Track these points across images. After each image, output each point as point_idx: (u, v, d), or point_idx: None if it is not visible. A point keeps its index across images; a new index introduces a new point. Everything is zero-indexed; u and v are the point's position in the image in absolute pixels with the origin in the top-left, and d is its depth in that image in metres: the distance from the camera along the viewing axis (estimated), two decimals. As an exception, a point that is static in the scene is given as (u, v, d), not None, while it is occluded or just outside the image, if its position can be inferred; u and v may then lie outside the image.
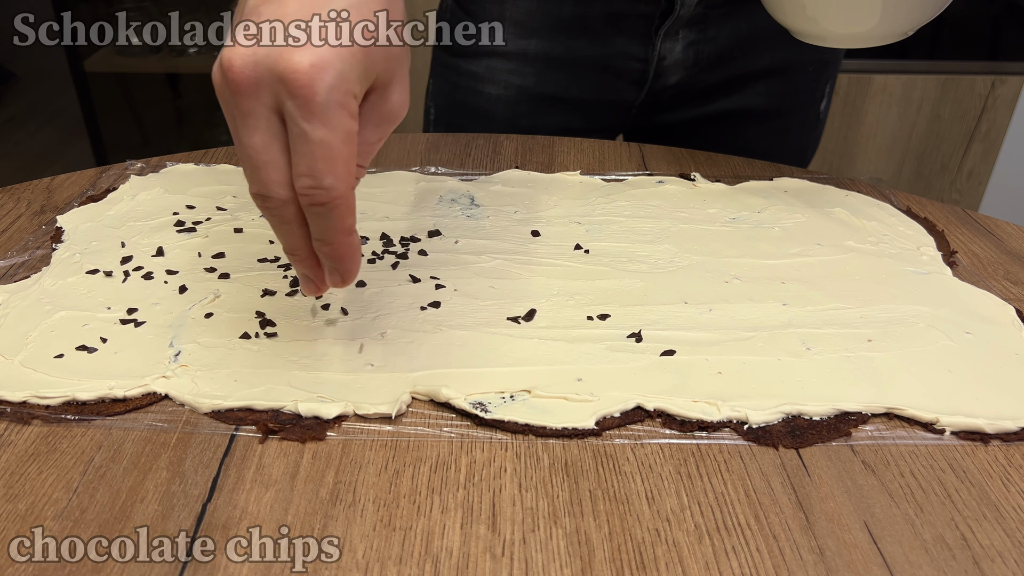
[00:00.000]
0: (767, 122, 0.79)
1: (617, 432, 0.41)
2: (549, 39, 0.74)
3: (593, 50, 0.74)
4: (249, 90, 0.35)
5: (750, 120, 0.79)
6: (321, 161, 0.35)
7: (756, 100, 0.77)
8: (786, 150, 0.80)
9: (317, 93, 0.34)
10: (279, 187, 0.37)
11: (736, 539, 0.35)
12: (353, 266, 0.40)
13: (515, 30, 0.74)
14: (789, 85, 0.77)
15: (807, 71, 0.77)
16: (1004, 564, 0.34)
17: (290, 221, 0.38)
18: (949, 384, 0.43)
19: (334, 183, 0.36)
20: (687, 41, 0.73)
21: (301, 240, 0.39)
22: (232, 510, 0.36)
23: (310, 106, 0.34)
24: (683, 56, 0.73)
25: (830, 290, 0.51)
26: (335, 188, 0.36)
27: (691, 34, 0.72)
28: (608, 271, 0.53)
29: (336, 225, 0.37)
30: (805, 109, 0.80)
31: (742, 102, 0.77)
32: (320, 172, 0.35)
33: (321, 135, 0.35)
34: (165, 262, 0.52)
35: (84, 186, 0.62)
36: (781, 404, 0.42)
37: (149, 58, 1.96)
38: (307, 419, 0.40)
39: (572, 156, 0.70)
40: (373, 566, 0.33)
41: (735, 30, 0.73)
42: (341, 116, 0.35)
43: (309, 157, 0.35)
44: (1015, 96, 1.73)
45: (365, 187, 0.62)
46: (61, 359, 0.44)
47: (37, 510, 0.36)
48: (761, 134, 0.80)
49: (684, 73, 0.75)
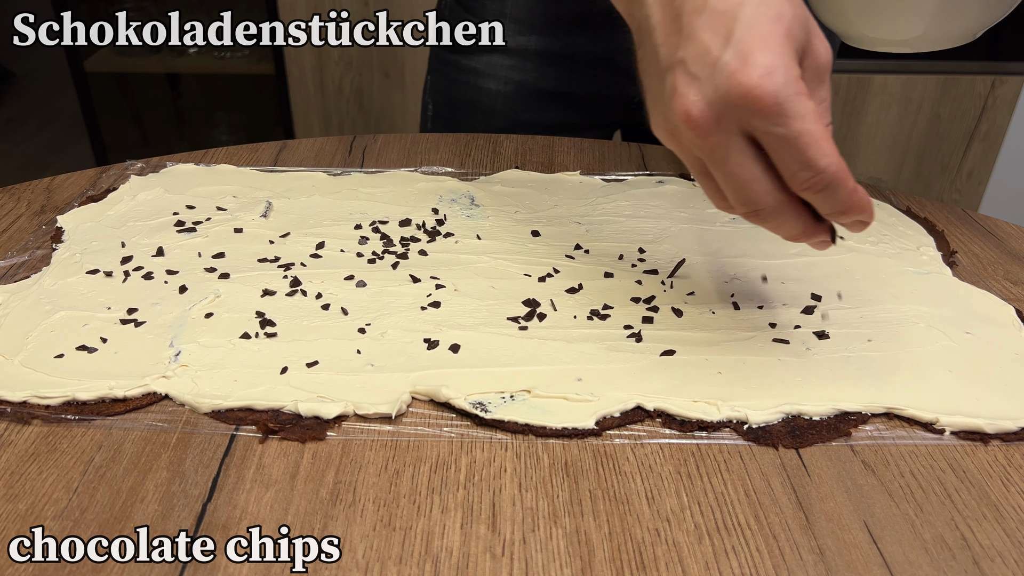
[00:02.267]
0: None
1: (617, 432, 0.41)
2: (550, 35, 0.74)
3: (593, 45, 0.74)
4: (714, 127, 0.37)
5: None
6: (810, 150, 0.36)
7: None
8: None
9: (779, 97, 0.35)
10: (768, 196, 0.38)
11: (736, 539, 0.35)
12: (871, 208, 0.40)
13: (515, 26, 0.75)
14: None
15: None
16: (1004, 564, 0.34)
17: (789, 218, 0.39)
18: (949, 384, 0.43)
19: (828, 161, 0.36)
20: None
21: (803, 226, 0.40)
22: (232, 510, 0.36)
23: (773, 109, 0.35)
24: None
25: (830, 290, 0.51)
26: (831, 164, 0.37)
27: None
28: (608, 271, 0.53)
29: (843, 195, 0.38)
30: None
31: None
32: (813, 160, 0.36)
33: (797, 128, 0.36)
34: (165, 262, 0.52)
35: (84, 186, 0.62)
36: (781, 404, 0.42)
37: (149, 58, 1.96)
38: (307, 419, 0.40)
39: (572, 156, 0.70)
40: (373, 566, 0.33)
41: None
42: (802, 103, 0.36)
43: (797, 153, 0.36)
44: (1015, 96, 1.73)
45: (365, 187, 0.63)
46: (61, 359, 0.44)
47: (37, 510, 0.36)
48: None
49: None
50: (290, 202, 0.60)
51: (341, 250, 0.54)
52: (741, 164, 0.38)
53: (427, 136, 0.72)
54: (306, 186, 0.62)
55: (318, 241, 0.55)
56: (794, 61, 0.37)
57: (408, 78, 1.78)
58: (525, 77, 0.76)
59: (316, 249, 0.54)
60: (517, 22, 0.74)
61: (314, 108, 1.83)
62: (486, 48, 0.76)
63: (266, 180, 0.63)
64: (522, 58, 0.76)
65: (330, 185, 0.63)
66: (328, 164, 0.67)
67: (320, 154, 0.69)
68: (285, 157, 0.68)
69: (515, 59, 0.76)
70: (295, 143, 0.70)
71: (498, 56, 0.76)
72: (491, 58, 0.77)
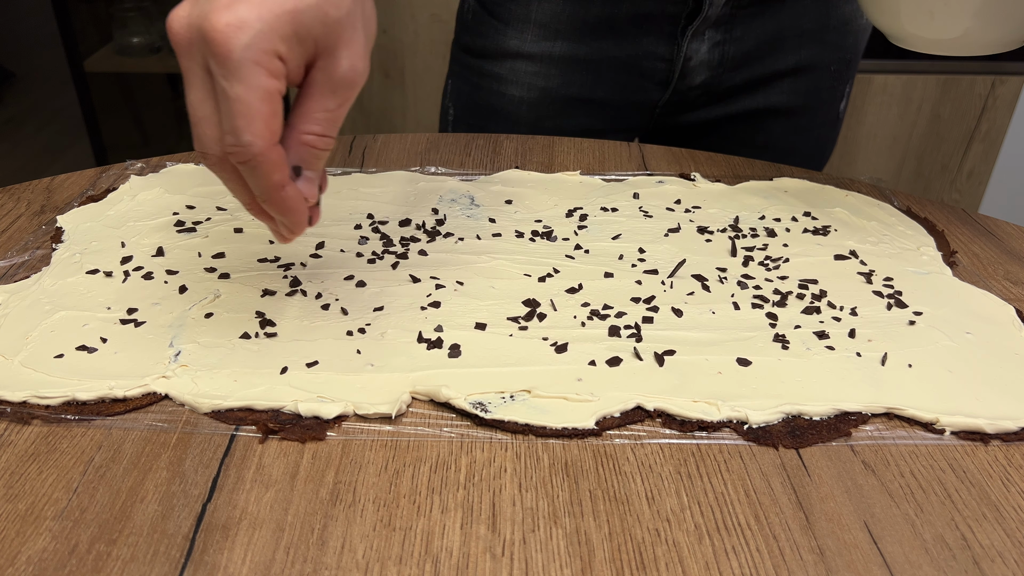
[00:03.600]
0: (789, 120, 0.79)
1: (617, 432, 0.41)
2: (575, 40, 0.74)
3: (619, 51, 0.73)
4: (185, 50, 0.37)
5: (773, 118, 0.79)
6: (239, 118, 0.36)
7: (779, 99, 0.77)
8: (806, 148, 0.81)
9: (232, 51, 0.35)
10: (213, 143, 0.38)
11: (736, 539, 0.35)
12: (296, 219, 0.41)
13: (540, 32, 0.74)
14: (812, 84, 0.77)
15: (830, 71, 0.77)
16: (1004, 564, 0.34)
17: (230, 177, 0.40)
18: (949, 384, 0.43)
19: (252, 140, 0.37)
20: (713, 42, 0.73)
21: (247, 195, 0.40)
22: (232, 510, 0.36)
23: (227, 64, 0.36)
24: (709, 56, 0.73)
25: (830, 290, 0.51)
26: (253, 145, 0.37)
27: (717, 35, 0.72)
28: (608, 271, 0.53)
29: (264, 182, 0.38)
30: (827, 108, 0.81)
31: (766, 100, 0.77)
32: (238, 129, 0.36)
33: (238, 92, 0.36)
34: (165, 262, 0.52)
35: (84, 186, 0.62)
36: (781, 404, 0.42)
37: (149, 58, 1.96)
38: (307, 419, 0.40)
39: (572, 156, 0.70)
40: (373, 566, 0.33)
41: (761, 30, 0.73)
42: (258, 74, 0.36)
43: (229, 115, 0.37)
44: (1015, 96, 1.73)
45: (365, 187, 0.63)
46: (61, 359, 0.44)
47: (37, 510, 0.36)
48: (783, 132, 0.80)
49: (710, 73, 0.75)
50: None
51: (341, 250, 0.54)
52: (200, 99, 0.38)
53: (427, 136, 0.72)
54: (306, 186, 0.62)
55: (318, 241, 0.55)
56: (281, 39, 0.36)
57: (408, 78, 1.78)
58: (549, 83, 0.76)
59: (316, 249, 0.54)
60: (542, 27, 0.73)
61: (314, 108, 1.83)
62: (510, 52, 0.75)
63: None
64: (547, 64, 0.75)
65: (330, 185, 0.63)
66: (328, 164, 0.67)
67: (320, 154, 0.69)
68: (285, 157, 0.68)
69: (540, 65, 0.75)
70: (295, 143, 0.70)
71: (522, 62, 0.75)
72: (515, 64, 0.76)
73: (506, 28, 0.75)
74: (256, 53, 0.36)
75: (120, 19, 1.93)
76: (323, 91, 0.39)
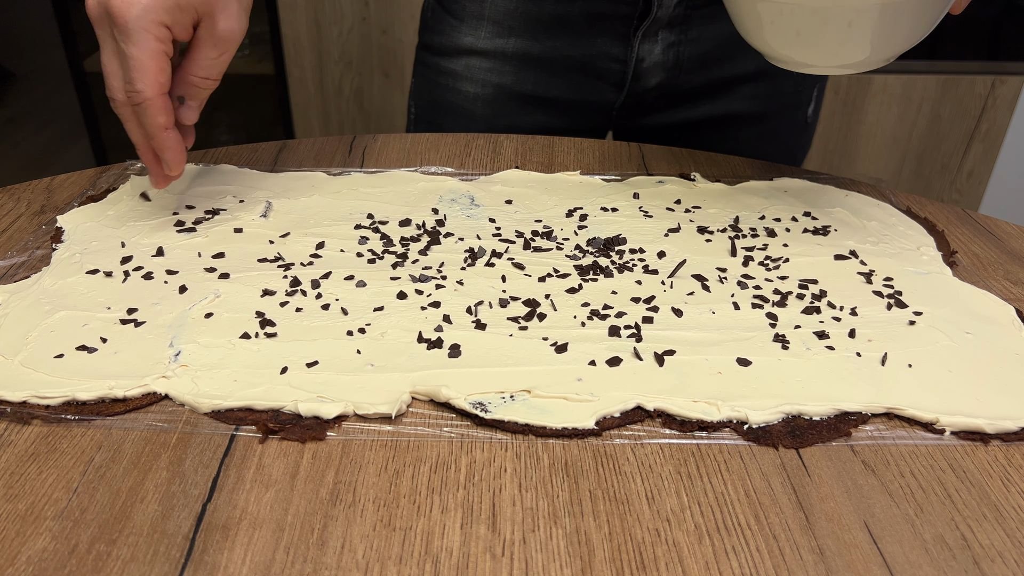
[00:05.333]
0: (755, 126, 0.79)
1: (617, 432, 0.41)
2: (529, 38, 0.74)
3: (573, 50, 0.74)
4: (96, 21, 0.50)
5: (737, 124, 0.79)
6: (134, 71, 0.49)
7: (742, 105, 0.77)
8: (775, 154, 0.80)
9: (128, 21, 0.48)
10: (118, 91, 0.51)
11: (736, 539, 0.35)
12: (174, 157, 0.53)
13: (494, 28, 0.74)
14: (774, 88, 0.77)
15: (791, 75, 0.77)
16: (1004, 564, 0.34)
17: (129, 118, 0.52)
18: (949, 384, 0.44)
19: (143, 87, 0.50)
20: (667, 43, 0.72)
21: (140, 137, 0.53)
22: (232, 510, 0.36)
23: (124, 30, 0.48)
24: (663, 58, 0.73)
25: (830, 290, 0.51)
26: (145, 91, 0.50)
27: (671, 36, 0.72)
28: (608, 271, 0.53)
29: (151, 122, 0.51)
30: (792, 112, 0.80)
31: (728, 107, 0.77)
32: (134, 79, 0.49)
33: (132, 52, 0.49)
34: (165, 262, 0.52)
35: (84, 186, 0.62)
36: (781, 404, 0.42)
37: (149, 58, 1.96)
38: (307, 419, 0.40)
39: (572, 156, 0.70)
40: (373, 566, 0.33)
41: (718, 33, 0.72)
42: (147, 38, 0.49)
43: (127, 69, 0.50)
44: (1015, 96, 1.73)
45: (365, 187, 0.63)
46: (61, 359, 0.44)
47: (37, 510, 0.36)
48: (749, 138, 0.79)
49: (665, 75, 0.74)
50: (290, 202, 0.60)
51: (341, 250, 0.54)
52: (108, 58, 0.51)
53: (427, 136, 0.72)
54: (306, 186, 0.62)
55: (318, 241, 0.55)
56: (165, 10, 0.49)
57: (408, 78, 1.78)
58: (503, 80, 0.76)
59: (316, 249, 0.54)
60: (495, 24, 0.74)
61: (314, 108, 1.83)
62: (465, 50, 0.76)
63: (266, 180, 0.63)
64: (500, 60, 0.75)
65: (330, 185, 0.63)
66: (328, 164, 0.67)
67: (320, 154, 0.69)
68: (285, 157, 0.68)
69: (493, 61, 0.75)
70: (295, 143, 0.70)
71: (476, 58, 0.76)
72: (469, 60, 0.76)
73: (461, 25, 0.76)
74: (145, 23, 0.48)
75: (120, 19, 1.93)
76: (206, 45, 0.52)
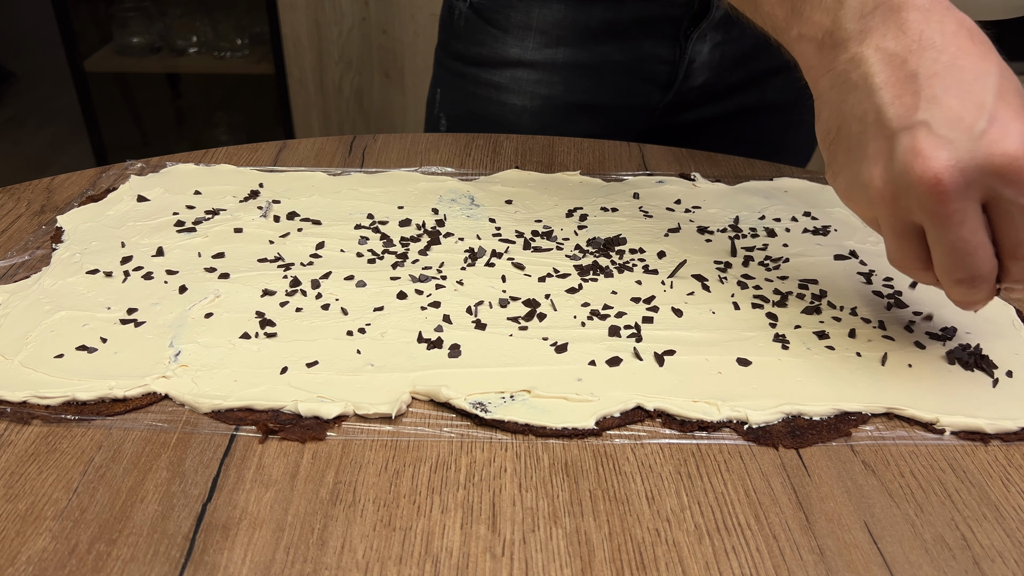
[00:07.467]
0: (783, 115, 0.79)
1: (617, 432, 0.41)
2: (578, 47, 0.73)
3: (622, 55, 0.73)
4: (960, 195, 0.36)
5: (767, 113, 0.79)
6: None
7: (774, 94, 0.78)
8: (797, 141, 0.81)
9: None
10: (988, 263, 0.39)
11: (736, 539, 0.35)
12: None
13: (542, 39, 0.73)
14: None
15: None
16: (1004, 564, 0.34)
17: (991, 288, 0.40)
18: (949, 384, 0.43)
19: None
20: (714, 42, 0.73)
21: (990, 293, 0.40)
22: (232, 510, 0.36)
23: None
24: (710, 57, 0.74)
25: (830, 290, 0.51)
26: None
27: (718, 35, 0.73)
28: (608, 271, 0.53)
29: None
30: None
31: (761, 97, 0.78)
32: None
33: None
34: (165, 262, 0.52)
35: (84, 186, 0.62)
36: (781, 404, 0.42)
37: (149, 58, 1.96)
38: (307, 419, 0.40)
39: (572, 156, 0.70)
40: (373, 566, 0.33)
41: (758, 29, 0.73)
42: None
43: None
44: (1015, 96, 1.72)
45: (365, 187, 0.63)
46: (61, 359, 0.44)
47: (37, 510, 0.36)
48: (776, 127, 0.80)
49: (710, 73, 0.75)
50: (290, 202, 0.60)
51: (341, 250, 0.54)
52: (975, 230, 0.37)
53: (427, 136, 0.72)
54: (306, 186, 0.62)
55: (318, 241, 0.55)
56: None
57: (408, 78, 1.79)
58: (552, 91, 0.75)
59: (316, 249, 0.54)
60: (543, 34, 0.73)
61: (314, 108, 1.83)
62: (511, 61, 0.74)
63: (266, 180, 0.63)
64: (550, 71, 0.74)
65: (330, 185, 0.63)
66: (328, 164, 0.67)
67: (320, 154, 0.69)
68: (285, 157, 0.68)
69: (542, 73, 0.74)
70: (295, 143, 0.70)
71: (524, 70, 0.74)
72: (516, 72, 0.74)
73: (505, 36, 0.74)
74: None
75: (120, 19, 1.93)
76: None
